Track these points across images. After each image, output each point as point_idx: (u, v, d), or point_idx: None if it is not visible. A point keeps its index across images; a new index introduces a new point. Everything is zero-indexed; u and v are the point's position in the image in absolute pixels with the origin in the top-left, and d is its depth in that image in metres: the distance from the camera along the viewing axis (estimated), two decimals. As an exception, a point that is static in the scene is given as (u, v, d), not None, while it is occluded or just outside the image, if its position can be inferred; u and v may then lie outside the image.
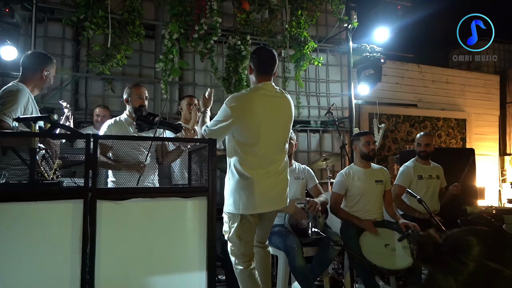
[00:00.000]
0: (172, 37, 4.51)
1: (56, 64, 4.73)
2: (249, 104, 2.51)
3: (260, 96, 2.56)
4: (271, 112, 2.56)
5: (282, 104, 2.64)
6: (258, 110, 2.51)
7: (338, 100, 6.11)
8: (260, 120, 2.51)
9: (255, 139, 2.51)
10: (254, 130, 2.50)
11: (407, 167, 4.08)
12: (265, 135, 2.53)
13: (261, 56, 2.63)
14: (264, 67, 2.62)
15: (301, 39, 5.17)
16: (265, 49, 2.73)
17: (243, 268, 2.56)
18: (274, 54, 2.65)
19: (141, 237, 1.92)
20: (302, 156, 5.82)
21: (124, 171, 2.90)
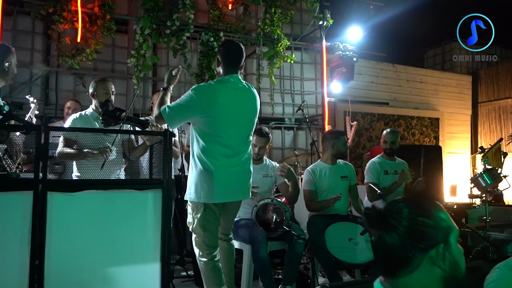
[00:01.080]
0: (144, 32, 4.49)
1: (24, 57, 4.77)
2: (214, 95, 2.53)
3: (226, 88, 2.59)
4: (236, 104, 2.59)
5: (248, 97, 2.68)
6: (222, 102, 2.54)
7: (312, 98, 6.19)
8: (224, 112, 2.53)
9: (218, 130, 2.53)
10: (218, 121, 2.53)
11: (374, 163, 4.16)
12: (228, 126, 2.56)
13: (229, 49, 2.66)
14: (232, 60, 2.65)
15: (275, 37, 5.21)
16: (233, 42, 2.76)
17: (206, 260, 2.58)
18: (241, 48, 2.68)
19: (94, 229, 1.93)
20: (276, 153, 5.88)
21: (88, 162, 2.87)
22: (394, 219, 1.05)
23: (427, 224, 1.03)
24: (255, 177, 3.54)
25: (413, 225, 1.03)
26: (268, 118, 5.92)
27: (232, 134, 2.58)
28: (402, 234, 1.03)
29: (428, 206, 1.08)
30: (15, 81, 4.71)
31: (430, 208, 1.07)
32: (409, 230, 1.03)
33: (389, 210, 1.08)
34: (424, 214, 1.05)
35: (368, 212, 1.10)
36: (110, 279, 1.93)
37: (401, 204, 1.08)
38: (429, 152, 4.95)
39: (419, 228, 1.03)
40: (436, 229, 1.03)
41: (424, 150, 4.27)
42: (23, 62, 4.76)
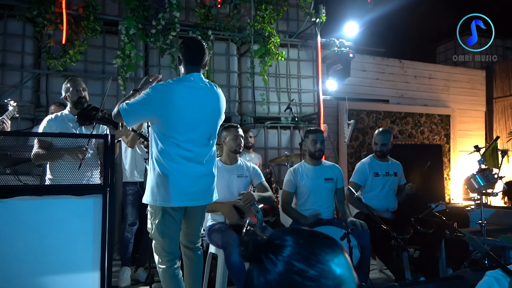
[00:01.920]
0: (129, 32, 4.44)
1: (15, 60, 4.80)
2: (170, 95, 2.43)
3: (184, 87, 2.48)
4: (194, 104, 2.47)
5: (208, 97, 2.56)
6: (178, 102, 2.43)
7: (310, 96, 6.02)
8: (180, 112, 2.43)
9: (175, 131, 2.43)
10: (174, 122, 2.43)
11: (363, 164, 3.98)
12: (185, 127, 2.45)
13: (189, 46, 2.56)
14: (192, 58, 2.54)
15: (266, 34, 5.07)
16: (194, 40, 2.67)
17: (165, 267, 2.49)
18: (202, 45, 2.57)
19: (28, 237, 1.86)
20: (272, 153, 5.73)
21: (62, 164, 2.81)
22: (268, 260, 0.80)
23: (306, 275, 0.77)
24: (229, 178, 3.44)
25: (288, 272, 0.77)
26: (263, 118, 5.79)
27: (190, 135, 2.47)
28: (272, 282, 0.78)
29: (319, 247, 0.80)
30: (6, 84, 4.76)
31: (320, 251, 0.79)
32: (281, 279, 0.78)
33: (270, 244, 0.82)
34: (308, 259, 0.78)
35: (243, 240, 0.85)
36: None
37: (286, 238, 0.82)
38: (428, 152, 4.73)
39: (293, 279, 0.77)
40: (318, 282, 0.77)
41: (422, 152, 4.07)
42: (13, 65, 4.80)
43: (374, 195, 3.88)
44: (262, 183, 3.54)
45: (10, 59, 4.81)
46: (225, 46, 5.63)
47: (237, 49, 5.72)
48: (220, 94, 2.64)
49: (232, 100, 5.66)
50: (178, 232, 2.56)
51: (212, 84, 2.63)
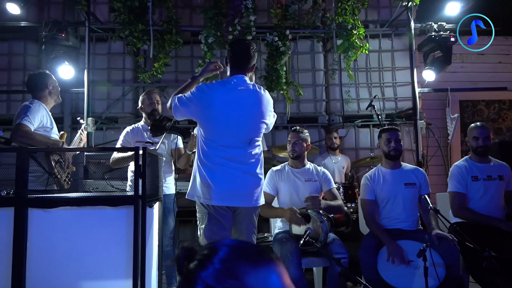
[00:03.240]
0: (208, 41, 4.58)
1: (116, 76, 5.37)
2: (210, 97, 2.42)
3: (225, 90, 2.45)
4: (234, 108, 2.42)
5: (250, 98, 2.48)
6: (218, 104, 2.41)
7: (407, 90, 5.41)
8: (219, 115, 2.40)
9: (213, 134, 2.43)
10: (214, 123, 2.42)
11: (459, 168, 3.36)
12: (224, 132, 2.42)
13: (234, 49, 2.53)
14: (237, 61, 2.52)
15: (349, 26, 4.72)
16: (240, 42, 2.63)
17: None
18: (249, 48, 2.51)
19: (69, 245, 2.01)
20: (364, 154, 5.31)
21: None
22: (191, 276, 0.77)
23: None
24: (296, 182, 3.26)
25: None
26: (353, 116, 5.41)
27: (228, 140, 2.42)
28: None
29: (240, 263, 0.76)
30: (110, 97, 5.36)
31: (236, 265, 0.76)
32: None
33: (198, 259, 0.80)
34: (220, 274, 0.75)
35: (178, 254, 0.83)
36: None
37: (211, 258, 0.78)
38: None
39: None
40: None
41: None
42: (116, 81, 5.38)
43: (473, 203, 3.27)
44: (331, 190, 3.29)
45: (114, 75, 5.41)
46: (309, 44, 5.43)
47: (322, 46, 5.47)
48: (264, 96, 2.52)
49: (318, 99, 5.42)
50: (227, 237, 2.51)
51: (256, 86, 2.53)
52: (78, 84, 4.87)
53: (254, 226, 2.64)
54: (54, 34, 4.47)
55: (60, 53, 4.51)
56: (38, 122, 2.86)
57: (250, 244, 0.84)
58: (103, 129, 5.29)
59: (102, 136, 5.28)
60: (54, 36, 4.46)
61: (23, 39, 5.41)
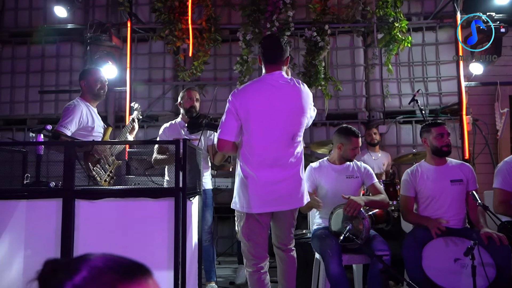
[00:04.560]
0: (245, 38, 4.59)
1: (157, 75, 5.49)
2: (245, 99, 2.40)
3: (259, 88, 2.43)
4: (273, 104, 2.39)
5: (288, 94, 2.43)
6: (252, 104, 2.38)
7: (453, 84, 5.19)
8: (254, 114, 2.38)
9: (254, 134, 2.39)
10: (249, 124, 2.39)
11: (508, 164, 3.17)
12: (264, 130, 2.38)
13: (265, 45, 2.51)
14: (270, 56, 2.49)
15: (390, 19, 4.58)
16: (270, 37, 2.63)
17: (251, 271, 2.48)
18: (279, 42, 2.48)
19: (113, 236, 2.07)
20: (406, 150, 5.13)
21: None
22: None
23: None
24: (337, 179, 3.19)
25: None
26: (395, 112, 5.25)
27: (270, 137, 2.39)
28: None
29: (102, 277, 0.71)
30: (151, 96, 5.49)
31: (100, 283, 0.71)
32: None
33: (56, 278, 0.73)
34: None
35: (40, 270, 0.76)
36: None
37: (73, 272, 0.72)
38: None
39: None
40: None
41: None
42: (156, 80, 5.51)
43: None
44: (374, 184, 3.20)
45: (155, 75, 5.55)
46: (349, 38, 5.32)
47: (362, 40, 5.34)
48: (304, 89, 2.48)
49: (358, 95, 5.31)
50: (264, 235, 2.51)
51: (294, 80, 2.49)
52: (121, 83, 5.04)
53: (293, 224, 2.62)
54: (98, 35, 4.64)
55: (104, 53, 4.67)
56: (76, 124, 2.90)
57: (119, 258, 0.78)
58: (144, 127, 5.44)
59: (144, 134, 5.43)
60: (98, 37, 4.64)
61: (70, 41, 5.66)
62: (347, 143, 3.14)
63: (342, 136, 3.17)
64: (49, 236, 2.06)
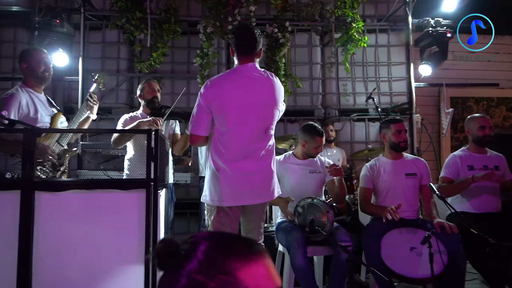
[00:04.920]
0: (206, 31, 4.53)
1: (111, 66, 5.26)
2: (219, 89, 2.36)
3: (235, 79, 2.39)
4: (246, 96, 2.34)
5: (262, 86, 2.40)
6: (228, 95, 2.33)
7: (403, 84, 5.48)
8: (231, 106, 2.32)
9: (226, 126, 2.34)
10: (225, 116, 2.33)
11: (454, 156, 3.45)
12: (238, 121, 2.34)
13: (239, 35, 2.43)
14: (243, 47, 2.42)
15: (348, 20, 4.74)
16: (244, 27, 2.57)
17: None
18: (254, 32, 2.43)
19: (78, 229, 1.96)
20: (359, 147, 5.35)
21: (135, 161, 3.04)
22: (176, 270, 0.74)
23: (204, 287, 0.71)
24: (301, 174, 3.26)
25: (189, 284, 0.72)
26: (349, 110, 5.44)
27: (243, 129, 2.35)
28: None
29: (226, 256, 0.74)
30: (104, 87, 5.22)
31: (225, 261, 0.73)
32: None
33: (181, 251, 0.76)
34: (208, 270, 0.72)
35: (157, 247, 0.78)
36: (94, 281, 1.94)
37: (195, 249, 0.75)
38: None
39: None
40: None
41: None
42: (110, 70, 5.27)
43: (469, 191, 3.33)
44: (332, 180, 3.29)
45: (108, 65, 5.30)
46: (307, 37, 5.42)
47: (319, 39, 5.47)
48: (277, 82, 2.47)
49: (315, 92, 5.43)
50: (235, 229, 2.48)
51: (268, 73, 2.48)
52: (71, 72, 4.76)
53: (263, 218, 2.62)
54: (48, 20, 4.35)
55: (54, 40, 4.39)
56: (15, 116, 2.56)
57: (236, 237, 0.81)
58: (96, 120, 5.17)
59: (96, 126, 5.17)
60: (49, 22, 4.34)
61: (13, 26, 5.25)
62: (311, 141, 3.21)
63: (307, 134, 3.23)
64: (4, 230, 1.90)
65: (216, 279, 0.71)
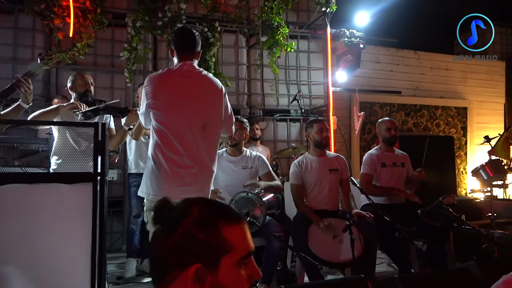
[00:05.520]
0: (135, 25, 4.44)
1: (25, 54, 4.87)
2: (159, 86, 2.39)
3: (173, 76, 2.42)
4: (184, 93, 2.39)
5: (200, 84, 2.46)
6: (166, 91, 2.37)
7: (320, 88, 5.92)
8: (169, 102, 2.36)
9: (165, 121, 2.36)
10: (163, 112, 2.36)
11: (371, 155, 3.89)
12: (177, 117, 2.37)
13: (179, 35, 2.50)
14: (183, 46, 2.47)
15: (274, 25, 5.00)
16: (184, 29, 2.67)
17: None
18: (194, 34, 2.50)
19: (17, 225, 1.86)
20: (281, 145, 5.67)
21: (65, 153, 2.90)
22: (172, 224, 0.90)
23: (196, 238, 0.87)
24: (234, 170, 3.41)
25: (183, 236, 0.87)
26: (272, 110, 5.73)
27: (181, 126, 2.38)
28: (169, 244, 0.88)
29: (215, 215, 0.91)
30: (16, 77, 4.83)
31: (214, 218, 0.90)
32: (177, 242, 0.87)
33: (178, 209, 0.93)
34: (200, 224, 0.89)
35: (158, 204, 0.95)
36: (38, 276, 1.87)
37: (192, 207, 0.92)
38: (439, 143, 4.57)
39: (186, 242, 0.87)
40: (205, 246, 0.87)
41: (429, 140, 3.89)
42: (24, 59, 4.87)
43: (383, 185, 3.79)
44: (269, 173, 3.50)
45: (22, 53, 4.89)
46: (234, 38, 5.58)
47: (246, 41, 5.67)
48: (215, 81, 2.56)
49: (240, 92, 5.62)
50: None
51: (206, 72, 2.57)
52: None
53: None
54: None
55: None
56: None
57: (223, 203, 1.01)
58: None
59: (6, 119, 4.74)
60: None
61: None
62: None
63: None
64: None
65: (205, 232, 0.87)
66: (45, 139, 3.49)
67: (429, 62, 7.59)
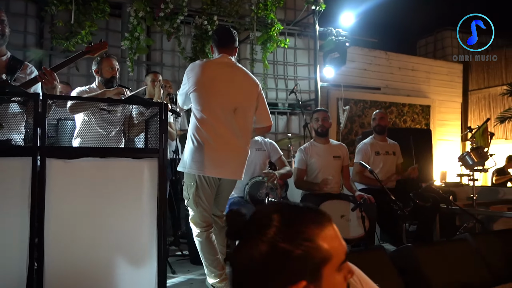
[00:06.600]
0: (138, 15, 4.50)
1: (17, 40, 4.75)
2: (200, 72, 2.58)
3: (214, 64, 2.64)
4: (224, 81, 2.60)
5: (237, 74, 2.68)
6: (208, 78, 2.57)
7: (305, 83, 6.25)
8: (210, 88, 2.56)
9: (206, 106, 2.55)
10: (204, 97, 2.56)
11: (365, 144, 4.24)
12: (211, 101, 2.56)
13: (219, 32, 2.74)
14: (223, 41, 2.69)
15: (268, 21, 5.24)
16: (224, 28, 2.86)
17: (199, 231, 2.62)
18: (232, 32, 2.73)
19: (90, 196, 1.97)
20: (269, 137, 5.90)
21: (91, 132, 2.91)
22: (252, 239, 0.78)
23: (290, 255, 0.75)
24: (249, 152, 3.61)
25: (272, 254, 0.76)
26: (261, 103, 5.96)
27: (220, 111, 2.56)
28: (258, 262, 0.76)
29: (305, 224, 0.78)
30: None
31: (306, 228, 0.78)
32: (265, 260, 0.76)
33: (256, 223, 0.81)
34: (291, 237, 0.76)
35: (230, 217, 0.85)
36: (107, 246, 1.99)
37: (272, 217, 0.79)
38: (419, 136, 5.03)
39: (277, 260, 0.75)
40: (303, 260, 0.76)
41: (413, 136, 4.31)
42: (16, 45, 4.76)
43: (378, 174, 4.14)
44: (281, 158, 3.74)
45: (13, 39, 4.74)
46: (226, 32, 5.75)
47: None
48: (251, 75, 2.76)
49: (231, 85, 5.80)
50: (211, 202, 2.68)
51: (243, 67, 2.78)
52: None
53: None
54: None
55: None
56: None
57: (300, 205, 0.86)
58: None
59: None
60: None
61: None
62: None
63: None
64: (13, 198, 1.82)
65: (301, 247, 0.75)
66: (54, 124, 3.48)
67: (398, 63, 8.18)
